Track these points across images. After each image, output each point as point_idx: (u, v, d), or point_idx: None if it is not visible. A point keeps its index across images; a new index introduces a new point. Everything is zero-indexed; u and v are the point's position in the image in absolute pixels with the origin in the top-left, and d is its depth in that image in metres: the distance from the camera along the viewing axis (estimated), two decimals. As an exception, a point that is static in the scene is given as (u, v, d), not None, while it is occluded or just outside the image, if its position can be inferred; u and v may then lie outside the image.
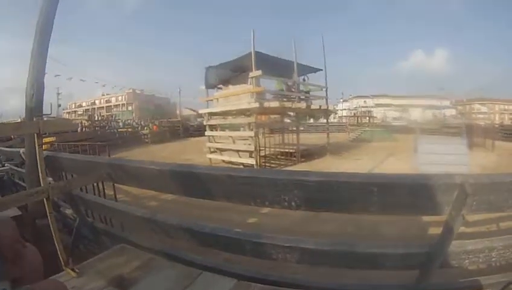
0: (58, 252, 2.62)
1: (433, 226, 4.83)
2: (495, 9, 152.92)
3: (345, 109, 72.47)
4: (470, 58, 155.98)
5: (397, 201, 1.77)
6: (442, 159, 11.32)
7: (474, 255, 1.97)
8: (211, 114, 17.36)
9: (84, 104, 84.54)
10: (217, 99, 17.04)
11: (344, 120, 57.03)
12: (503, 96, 76.62)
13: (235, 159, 15.03)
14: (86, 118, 44.69)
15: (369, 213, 1.89)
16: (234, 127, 18.54)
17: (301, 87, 17.22)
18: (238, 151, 15.22)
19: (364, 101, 79.62)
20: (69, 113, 76.60)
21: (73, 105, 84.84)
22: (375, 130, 32.42)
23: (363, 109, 66.56)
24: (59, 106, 55.53)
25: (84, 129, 33.46)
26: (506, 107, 78.29)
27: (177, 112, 64.77)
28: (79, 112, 75.73)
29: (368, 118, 49.91)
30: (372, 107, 72.56)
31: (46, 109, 4.90)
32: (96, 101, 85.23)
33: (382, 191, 1.71)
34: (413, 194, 1.72)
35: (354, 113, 60.73)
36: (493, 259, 1.99)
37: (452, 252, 1.94)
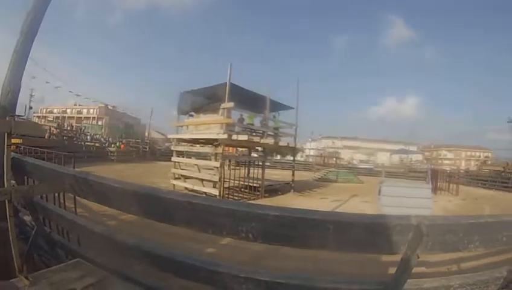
0: (14, 258, 2.55)
1: (392, 265, 4.93)
2: (467, 57, 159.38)
3: (312, 149, 73.37)
4: (440, 106, 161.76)
5: (353, 239, 1.82)
6: (406, 202, 11.54)
7: None
8: (180, 140, 17.29)
9: (55, 110, 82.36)
10: (187, 126, 17.06)
11: (311, 159, 57.61)
12: (470, 144, 79.67)
13: (198, 187, 14.84)
14: (55, 125, 43.69)
15: (326, 249, 1.92)
16: (201, 156, 18.48)
17: (271, 123, 17.37)
18: (202, 180, 15.05)
19: (333, 142, 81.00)
20: (39, 117, 74.18)
21: (45, 110, 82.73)
22: (341, 171, 32.77)
23: (330, 150, 67.63)
24: (30, 108, 54.30)
25: (52, 136, 32.71)
26: (472, 153, 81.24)
27: (146, 133, 64.16)
28: (49, 118, 73.74)
29: (334, 158, 50.55)
30: (340, 148, 73.79)
31: (18, 110, 4.80)
32: (68, 110, 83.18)
33: (338, 229, 1.77)
34: (369, 233, 1.78)
35: (321, 153, 61.48)
36: None
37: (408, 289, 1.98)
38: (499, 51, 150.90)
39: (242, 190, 16.23)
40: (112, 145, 42.28)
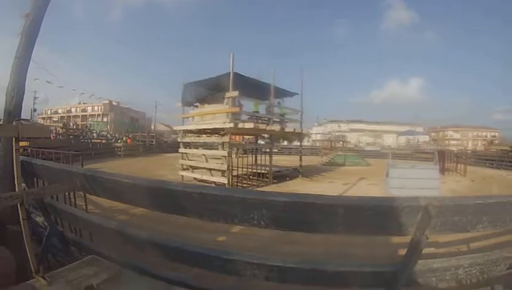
0: (30, 260, 2.58)
1: (402, 247, 4.96)
2: (470, 39, 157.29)
3: (319, 133, 73.05)
4: (446, 88, 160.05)
5: (362, 222, 1.85)
6: (414, 183, 11.56)
7: (440, 273, 2.08)
8: (186, 131, 17.35)
9: (60, 110, 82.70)
10: (193, 117, 17.11)
11: (318, 144, 57.41)
12: (477, 124, 78.75)
13: (207, 177, 14.96)
14: (60, 125, 43.85)
15: (336, 233, 1.98)
16: (208, 146, 18.51)
17: (276, 110, 17.35)
18: (210, 169, 15.19)
19: (339, 126, 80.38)
20: (44, 118, 74.60)
21: (49, 111, 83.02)
22: (348, 154, 32.70)
23: (337, 134, 67.18)
24: (35, 110, 54.42)
25: (58, 137, 33.03)
26: (479, 133, 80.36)
27: (152, 127, 64.17)
28: (54, 119, 73.98)
29: (341, 142, 50.32)
30: (346, 132, 73.32)
31: (23, 113, 4.82)
32: (72, 109, 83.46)
33: (347, 212, 1.80)
34: (378, 215, 1.80)
35: (328, 138, 61.18)
36: (460, 276, 2.11)
37: (418, 270, 2.03)
38: (503, 33, 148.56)
39: (250, 177, 16.29)
40: (119, 141, 42.64)
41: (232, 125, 13.26)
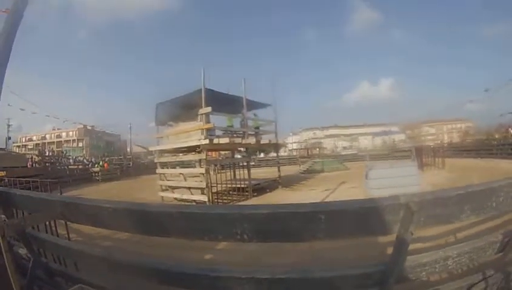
0: None
1: (390, 245, 4.93)
2: (434, 31, 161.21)
3: (295, 142, 73.69)
4: (418, 84, 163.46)
5: (346, 226, 1.86)
6: (394, 182, 11.63)
7: (430, 267, 2.09)
8: (162, 151, 17.24)
9: (34, 138, 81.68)
10: (168, 136, 17.00)
11: (295, 153, 57.70)
12: (451, 117, 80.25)
13: (187, 196, 14.81)
14: (36, 153, 43.40)
15: (321, 240, 1.97)
16: (185, 164, 18.40)
17: (250, 123, 17.40)
18: (190, 188, 15.03)
19: (314, 133, 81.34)
20: (19, 147, 73.34)
21: (24, 139, 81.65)
22: (325, 160, 32.98)
23: (312, 141, 67.92)
24: (9, 138, 53.24)
25: (34, 165, 32.73)
26: (454, 126, 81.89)
27: (128, 149, 63.67)
28: (29, 146, 72.91)
29: (317, 149, 50.82)
30: (321, 138, 74.19)
31: None
32: (47, 136, 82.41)
33: (329, 218, 1.79)
34: (361, 217, 1.82)
35: (304, 146, 61.75)
36: (450, 267, 2.14)
37: (408, 266, 2.04)
38: (466, 19, 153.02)
39: (230, 192, 16.22)
40: (96, 166, 42.32)
41: (207, 141, 13.25)
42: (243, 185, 16.10)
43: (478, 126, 66.96)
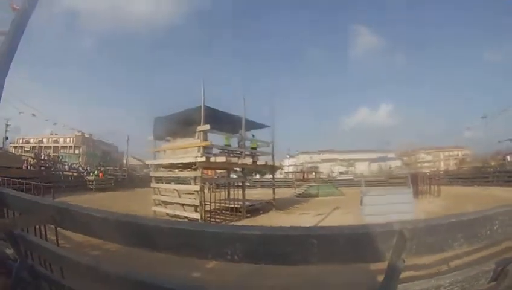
0: None
1: (380, 272, 4.91)
2: (435, 59, 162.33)
3: (291, 165, 73.58)
4: (414, 111, 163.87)
5: (338, 252, 1.84)
6: (388, 209, 11.65)
7: None
8: (158, 166, 17.24)
9: (31, 140, 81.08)
10: (164, 151, 16.99)
11: (290, 176, 57.64)
12: (448, 144, 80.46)
13: (180, 212, 14.76)
14: (32, 155, 43.26)
15: (311, 264, 1.93)
16: (180, 180, 18.38)
17: (248, 143, 17.47)
18: (183, 205, 14.96)
19: (311, 157, 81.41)
20: (15, 147, 72.82)
21: (21, 140, 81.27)
22: (321, 185, 32.98)
23: (309, 165, 68.00)
24: (6, 138, 53.05)
25: (29, 167, 32.67)
26: (451, 153, 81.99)
27: (124, 160, 63.64)
28: (26, 148, 72.57)
29: (313, 173, 50.83)
30: (318, 162, 74.33)
31: None
32: (44, 140, 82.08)
33: (321, 243, 1.77)
34: (353, 244, 1.80)
35: (301, 169, 61.81)
36: None
37: None
38: (465, 46, 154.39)
39: (223, 212, 16.20)
40: (91, 174, 42.24)
41: (203, 159, 13.25)
42: (236, 205, 16.02)
43: (475, 153, 66.99)
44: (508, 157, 40.55)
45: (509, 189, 23.20)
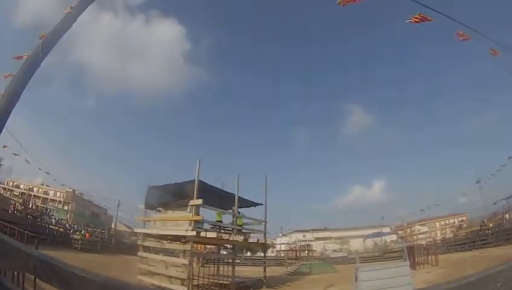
0: None
1: None
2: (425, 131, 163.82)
3: (283, 243, 72.68)
4: (407, 183, 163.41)
5: None
6: (385, 283, 11.42)
7: None
8: (147, 235, 16.90)
9: (22, 186, 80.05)
10: (155, 221, 16.86)
11: (282, 254, 56.94)
12: (443, 212, 79.64)
13: (166, 285, 14.27)
14: (20, 201, 42.69)
15: None
16: (169, 252, 18.03)
17: (241, 220, 17.38)
18: (170, 277, 14.52)
19: (304, 235, 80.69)
20: (5, 189, 72.13)
21: (11, 183, 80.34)
22: (314, 262, 32.61)
23: (302, 243, 67.31)
24: (-3, 176, 52.75)
25: (16, 212, 32.53)
26: (446, 221, 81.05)
27: (113, 225, 62.94)
28: (15, 193, 71.78)
29: (306, 251, 50.36)
30: (311, 240, 73.57)
31: None
32: (35, 189, 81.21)
33: None
34: None
35: (293, 247, 61.34)
36: None
37: None
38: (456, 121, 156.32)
39: (212, 287, 15.80)
40: (77, 233, 41.40)
41: (194, 233, 13.11)
42: (226, 282, 15.75)
43: (471, 219, 66.21)
44: (507, 216, 39.89)
45: (510, 247, 23.06)
